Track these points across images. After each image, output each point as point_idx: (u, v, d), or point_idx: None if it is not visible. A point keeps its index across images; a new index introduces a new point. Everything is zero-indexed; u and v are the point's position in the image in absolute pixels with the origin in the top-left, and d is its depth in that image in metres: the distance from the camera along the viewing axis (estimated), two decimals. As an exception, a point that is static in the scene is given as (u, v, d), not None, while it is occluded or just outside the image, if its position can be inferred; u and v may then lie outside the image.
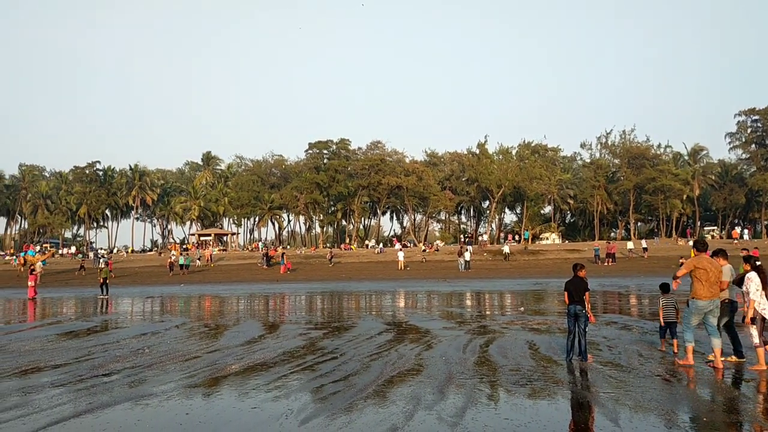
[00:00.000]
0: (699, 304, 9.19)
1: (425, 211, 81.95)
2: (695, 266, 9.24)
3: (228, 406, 7.26)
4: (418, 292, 28.19)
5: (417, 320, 16.29)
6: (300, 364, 9.98)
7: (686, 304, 9.50)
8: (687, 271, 9.36)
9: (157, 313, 20.69)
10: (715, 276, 9.16)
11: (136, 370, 9.72)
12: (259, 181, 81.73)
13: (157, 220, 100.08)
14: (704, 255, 9.41)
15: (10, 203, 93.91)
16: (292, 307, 22.40)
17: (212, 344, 12.55)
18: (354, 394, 7.74)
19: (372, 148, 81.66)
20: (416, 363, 9.85)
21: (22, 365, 10.38)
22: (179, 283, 40.97)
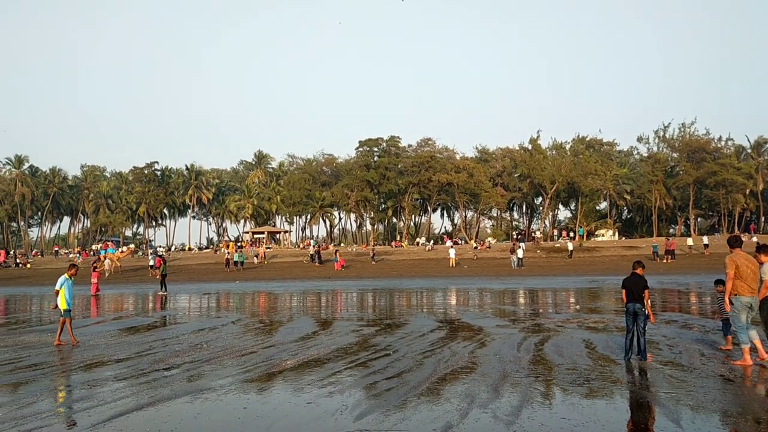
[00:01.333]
0: (743, 300, 9.11)
1: (476, 208, 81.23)
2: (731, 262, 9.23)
3: (284, 401, 7.37)
4: (470, 289, 27.99)
5: (469, 318, 16.19)
6: (353, 360, 10.05)
7: (730, 303, 9.29)
8: (733, 271, 9.18)
9: (214, 310, 21.15)
10: (752, 272, 9.14)
11: (195, 364, 9.97)
12: (310, 180, 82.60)
13: (213, 218, 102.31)
14: (739, 251, 9.40)
15: (74, 203, 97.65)
16: (344, 304, 22.57)
17: (267, 340, 12.76)
18: (407, 391, 7.75)
19: (422, 145, 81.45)
20: (470, 361, 9.78)
21: (87, 359, 10.77)
22: (234, 279, 41.80)
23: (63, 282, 12.96)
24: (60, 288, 12.91)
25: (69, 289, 12.99)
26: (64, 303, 12.81)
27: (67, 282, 13.03)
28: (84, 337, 13.80)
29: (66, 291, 12.90)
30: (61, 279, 13.05)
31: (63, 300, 12.81)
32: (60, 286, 12.93)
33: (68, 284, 13.03)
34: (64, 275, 13.17)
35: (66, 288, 12.93)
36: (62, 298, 12.83)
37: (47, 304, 25.72)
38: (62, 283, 12.95)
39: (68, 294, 12.92)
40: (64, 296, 12.84)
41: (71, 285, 13.14)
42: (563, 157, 74.95)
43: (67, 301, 12.83)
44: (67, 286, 12.97)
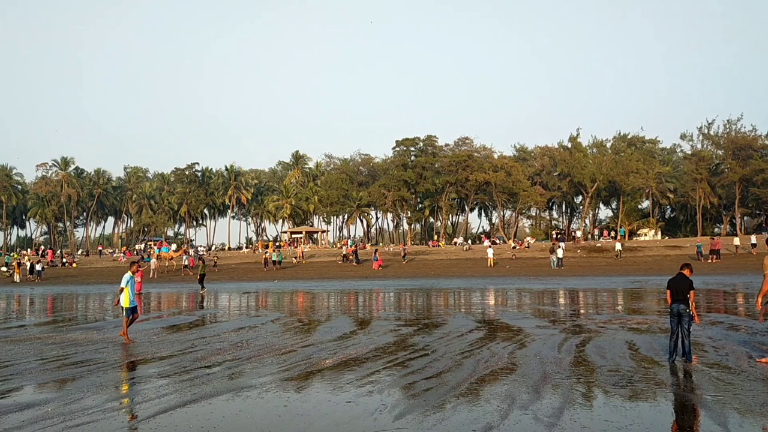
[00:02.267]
0: None
1: (515, 207, 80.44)
2: None
3: (323, 400, 7.41)
4: (509, 289, 27.75)
5: (508, 318, 16.04)
6: (392, 360, 10.05)
7: None
8: None
9: (254, 308, 21.41)
10: None
11: (236, 362, 10.10)
12: (347, 180, 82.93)
13: (252, 218, 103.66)
14: None
15: (118, 204, 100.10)
16: (382, 303, 22.61)
17: (306, 339, 12.85)
18: (447, 391, 7.71)
19: (459, 145, 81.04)
20: (509, 362, 9.69)
21: (132, 356, 11.02)
22: (273, 279, 42.26)
23: (128, 280, 13.11)
24: (125, 285, 13.05)
25: (132, 287, 13.14)
26: (127, 301, 12.95)
27: (132, 279, 13.19)
28: (129, 335, 14.11)
29: (130, 289, 13.05)
30: (126, 276, 13.19)
31: (126, 298, 12.95)
32: (125, 283, 13.07)
33: (132, 282, 13.18)
34: (128, 273, 13.32)
35: (130, 286, 13.08)
36: (126, 296, 12.97)
37: (92, 303, 26.41)
38: (127, 281, 13.09)
39: (131, 292, 13.08)
40: (127, 294, 12.97)
41: (135, 283, 13.31)
42: (604, 155, 73.63)
43: (130, 299, 12.98)
44: (131, 283, 13.12)
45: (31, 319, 19.91)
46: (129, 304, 12.95)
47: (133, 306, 13.03)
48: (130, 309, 12.98)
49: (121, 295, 13.06)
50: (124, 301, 12.95)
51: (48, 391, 8.34)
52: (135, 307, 13.13)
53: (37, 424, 6.45)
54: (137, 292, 30.10)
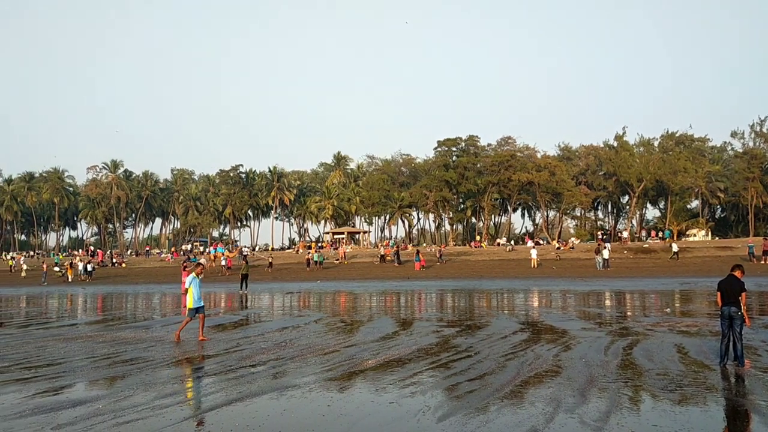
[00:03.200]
0: None
1: (559, 208, 79.26)
2: None
3: (366, 400, 7.42)
4: (553, 291, 27.36)
5: (553, 320, 15.81)
6: (434, 361, 10.02)
7: None
8: None
9: (297, 308, 21.61)
10: None
11: (280, 362, 10.21)
12: (389, 180, 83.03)
13: (294, 219, 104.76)
14: None
15: (165, 205, 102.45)
16: (424, 304, 22.56)
17: (349, 339, 12.91)
18: (490, 393, 7.64)
19: (502, 144, 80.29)
20: (554, 364, 9.55)
21: (178, 355, 11.24)
22: (316, 279, 42.60)
23: (191, 280, 13.26)
24: (189, 286, 13.22)
25: (197, 288, 13.27)
26: (192, 301, 13.11)
27: (195, 280, 13.30)
28: (175, 334, 14.41)
29: (195, 289, 13.18)
30: (190, 277, 13.34)
31: (191, 298, 13.11)
32: (189, 284, 13.24)
33: (196, 283, 13.29)
34: (192, 274, 13.47)
35: (194, 286, 13.21)
36: (190, 296, 13.13)
37: (141, 302, 27.07)
38: (191, 282, 13.25)
39: (196, 292, 13.20)
40: (192, 295, 13.13)
41: (199, 283, 13.42)
42: (651, 154, 71.98)
43: (195, 300, 13.11)
44: (195, 284, 13.24)
45: (82, 318, 20.52)
46: (193, 304, 13.10)
47: (198, 306, 13.16)
48: (194, 309, 13.12)
49: (186, 295, 13.23)
50: (189, 302, 13.13)
51: (99, 388, 8.57)
52: (201, 307, 13.25)
53: (88, 420, 6.63)
54: (183, 292, 30.89)
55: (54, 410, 7.11)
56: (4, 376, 9.51)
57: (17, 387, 8.56)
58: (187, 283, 13.29)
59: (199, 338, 13.05)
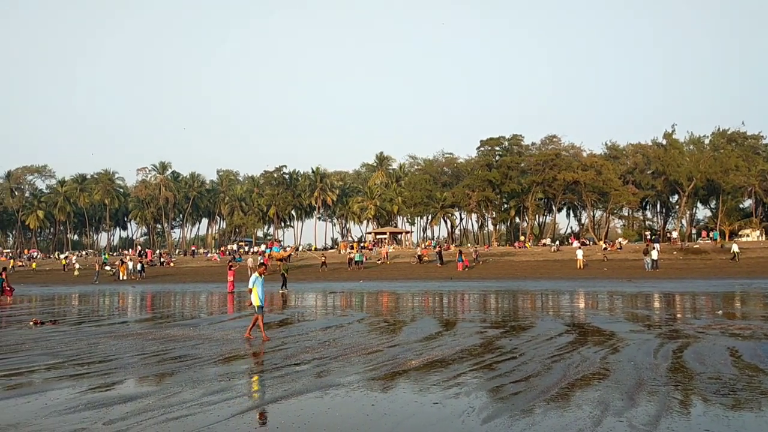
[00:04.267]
0: None
1: (605, 207, 77.74)
2: None
3: (410, 400, 7.40)
4: (600, 292, 26.84)
5: (600, 322, 15.51)
6: (478, 362, 9.93)
7: None
8: None
9: (339, 308, 21.73)
10: None
11: (324, 361, 10.28)
12: (431, 180, 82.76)
13: (337, 219, 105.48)
14: None
15: (211, 205, 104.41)
16: (467, 305, 22.41)
17: (392, 339, 12.91)
18: (536, 395, 7.53)
19: (546, 143, 79.22)
20: (601, 367, 9.36)
21: (225, 353, 11.42)
22: (358, 279, 42.77)
23: (255, 280, 13.40)
24: (252, 286, 13.34)
25: (261, 287, 13.38)
26: (257, 300, 13.22)
27: (259, 280, 13.42)
28: (222, 332, 14.67)
29: (258, 288, 13.28)
30: (253, 277, 13.49)
31: (256, 297, 13.23)
32: (252, 284, 13.37)
33: (260, 282, 13.41)
34: (255, 273, 13.61)
35: (258, 285, 13.32)
36: (255, 295, 13.24)
37: (188, 300, 27.63)
38: (254, 281, 13.38)
39: (260, 291, 13.30)
40: (257, 293, 13.25)
41: (263, 282, 13.52)
42: (702, 152, 69.98)
43: (259, 298, 13.21)
44: (259, 283, 13.35)
45: (132, 315, 21.05)
46: (259, 302, 13.21)
47: (262, 305, 13.28)
48: (261, 307, 13.25)
49: (251, 295, 13.36)
50: (255, 300, 13.22)
51: (148, 384, 8.78)
52: (260, 307, 13.32)
53: (139, 416, 6.79)
54: (229, 291, 31.49)
55: (105, 406, 7.30)
56: (58, 371, 9.82)
57: (71, 383, 8.82)
58: (251, 283, 13.39)
59: (245, 335, 13.22)
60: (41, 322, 17.55)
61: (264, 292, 13.47)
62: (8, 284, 30.49)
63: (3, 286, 29.74)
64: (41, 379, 9.28)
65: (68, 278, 55.83)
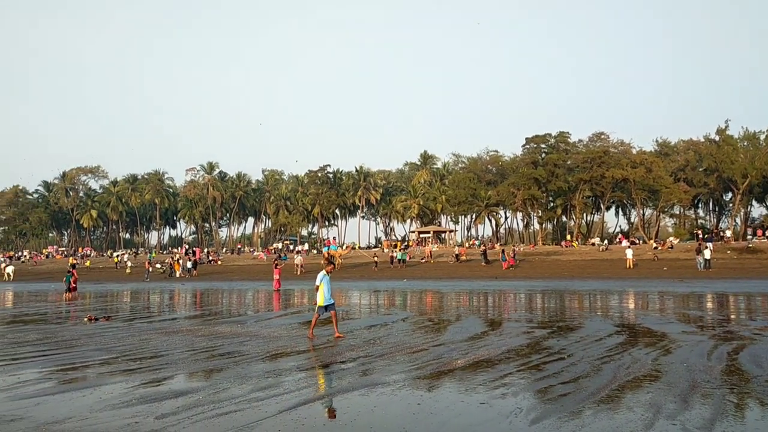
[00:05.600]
0: None
1: (656, 206, 75.87)
2: None
3: (456, 400, 7.36)
4: (650, 292, 26.21)
5: (651, 323, 15.14)
6: (525, 362, 9.81)
7: None
8: None
9: (384, 306, 21.76)
10: None
11: (369, 359, 10.30)
12: (475, 179, 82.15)
13: (380, 218, 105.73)
14: None
15: (257, 205, 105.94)
16: (513, 304, 22.17)
17: (437, 338, 12.86)
18: (585, 397, 7.39)
19: (594, 140, 77.73)
20: (653, 368, 9.13)
21: (272, 350, 11.55)
22: (402, 277, 42.79)
23: (322, 278, 13.25)
24: (319, 284, 13.21)
25: (327, 285, 13.23)
26: (322, 299, 13.09)
27: (326, 278, 13.27)
28: (269, 329, 14.86)
29: (325, 287, 13.15)
30: (320, 275, 13.31)
31: (322, 296, 13.10)
32: (319, 281, 13.22)
33: (326, 280, 13.27)
34: (323, 271, 13.42)
35: (325, 284, 13.18)
36: (321, 293, 13.13)
37: (235, 298, 28.10)
38: (321, 279, 13.23)
39: (327, 290, 13.16)
40: (322, 292, 13.13)
41: (329, 281, 13.37)
42: (757, 149, 67.62)
43: (325, 297, 13.08)
44: (326, 281, 13.22)
45: (182, 312, 21.51)
46: (324, 302, 13.07)
47: (328, 303, 13.13)
48: (323, 307, 13.10)
49: (317, 293, 13.30)
50: (320, 299, 13.13)
51: (198, 380, 8.94)
52: (331, 304, 13.21)
53: (189, 410, 6.93)
54: (275, 289, 31.89)
55: (157, 400, 7.46)
56: (111, 366, 10.10)
57: (123, 377, 9.06)
58: (318, 281, 13.26)
59: (335, 336, 12.97)
60: (95, 318, 18.10)
61: (330, 290, 13.31)
62: (75, 281, 31.77)
63: (71, 281, 31.08)
64: (95, 374, 9.54)
65: (120, 276, 57.48)
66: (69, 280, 31.17)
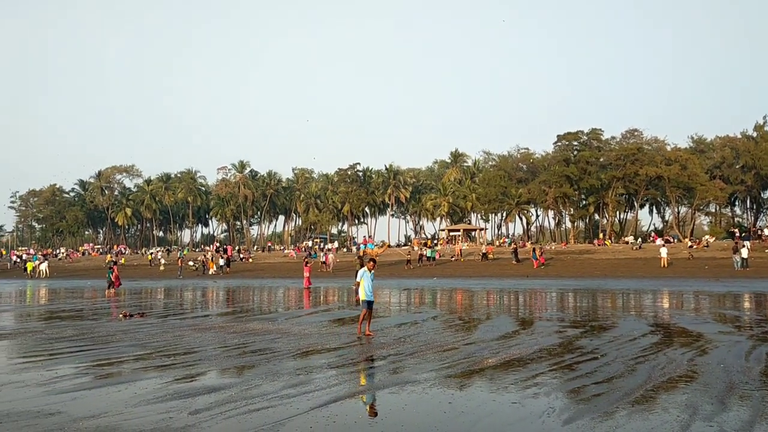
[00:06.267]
0: None
1: (691, 203, 74.39)
2: None
3: (488, 399, 7.31)
4: (685, 291, 25.73)
5: (686, 322, 14.87)
6: (558, 362, 9.71)
7: None
8: None
9: (413, 305, 21.74)
10: None
11: (399, 357, 10.30)
12: (506, 176, 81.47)
13: (410, 216, 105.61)
14: None
15: (287, 203, 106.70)
16: (544, 303, 21.96)
17: (467, 337, 12.81)
18: (619, 397, 7.28)
19: (627, 137, 76.54)
20: (689, 369, 8.96)
21: (303, 347, 11.63)
22: (432, 276, 42.70)
23: (362, 274, 13.25)
24: (360, 280, 13.20)
25: (369, 281, 13.17)
26: (363, 294, 13.07)
27: (367, 274, 13.22)
28: (299, 327, 14.95)
29: (366, 283, 13.11)
30: (361, 272, 13.32)
31: (363, 291, 13.09)
32: (359, 277, 13.24)
33: (368, 276, 13.22)
34: (364, 268, 13.44)
35: (366, 280, 13.13)
36: (362, 289, 13.10)
37: (266, 295, 28.34)
38: (361, 275, 13.24)
39: (368, 286, 13.11)
40: (363, 288, 13.09)
41: (371, 278, 13.32)
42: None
43: (366, 293, 13.03)
44: (367, 278, 13.17)
45: (214, 309, 21.78)
46: (366, 297, 13.04)
47: (369, 299, 13.06)
48: (366, 302, 13.05)
49: (358, 288, 13.28)
50: (362, 294, 13.11)
51: (230, 376, 9.05)
52: (370, 302, 13.11)
53: (223, 406, 7.01)
54: (305, 286, 32.10)
55: (191, 396, 7.57)
56: (146, 362, 10.27)
57: (158, 373, 9.20)
58: (358, 277, 13.26)
59: (366, 333, 12.94)
60: (130, 314, 18.42)
61: (371, 287, 13.22)
62: (117, 277, 32.47)
63: (112, 278, 31.80)
64: (130, 369, 9.72)
65: (154, 273, 58.41)
66: (110, 276, 31.92)
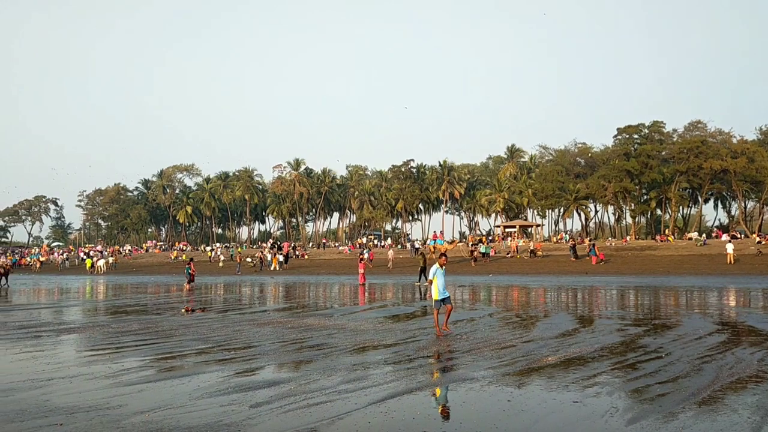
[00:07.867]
0: None
1: (759, 198, 71.39)
2: None
3: (548, 398, 7.18)
4: (753, 289, 24.71)
5: (755, 321, 14.28)
6: (620, 361, 9.46)
7: None
8: None
9: (469, 302, 21.58)
10: None
11: (456, 354, 10.24)
12: (563, 171, 79.96)
13: (464, 212, 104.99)
14: None
15: (342, 200, 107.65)
16: (604, 300, 21.45)
17: (525, 334, 12.62)
18: (685, 397, 7.04)
19: (690, 129, 74.03)
20: (759, 369, 8.59)
21: (359, 343, 11.69)
22: (487, 273, 42.31)
23: (435, 271, 12.85)
24: (433, 277, 12.83)
25: (442, 278, 12.81)
26: (437, 293, 12.74)
27: (440, 271, 12.84)
28: (355, 323, 15.05)
29: (439, 280, 12.75)
30: (434, 268, 12.91)
31: (436, 289, 12.76)
32: (433, 275, 12.86)
33: (440, 273, 12.84)
34: (436, 265, 13.00)
35: (439, 277, 12.77)
36: (435, 287, 12.78)
37: (322, 291, 28.65)
38: (434, 272, 12.84)
39: (441, 283, 12.76)
40: (437, 286, 12.77)
41: (443, 274, 12.92)
42: None
43: (440, 291, 12.71)
44: (439, 275, 12.80)
45: (272, 305, 22.15)
46: (439, 295, 12.69)
47: (443, 297, 12.70)
48: (440, 300, 12.71)
49: (431, 287, 12.95)
50: (435, 293, 12.78)
51: (289, 370, 9.17)
52: (446, 297, 12.74)
53: (282, 400, 7.11)
54: (360, 283, 32.31)
55: (251, 389, 7.70)
56: (208, 356, 10.51)
57: (219, 367, 9.41)
58: (431, 274, 12.93)
59: (443, 328, 12.76)
60: (192, 309, 18.93)
61: (445, 284, 12.86)
62: (193, 273, 33.76)
63: (191, 272, 33.21)
64: (192, 363, 9.96)
65: (214, 269, 59.87)
66: (188, 272, 33.20)
